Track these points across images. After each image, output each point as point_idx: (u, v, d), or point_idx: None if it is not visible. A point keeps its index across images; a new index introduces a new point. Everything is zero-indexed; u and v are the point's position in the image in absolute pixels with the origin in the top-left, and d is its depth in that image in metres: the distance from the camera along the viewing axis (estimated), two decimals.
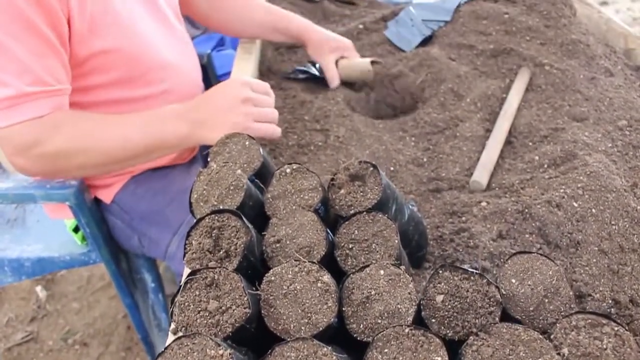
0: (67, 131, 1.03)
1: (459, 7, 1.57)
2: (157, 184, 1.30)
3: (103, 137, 1.06)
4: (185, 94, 1.29)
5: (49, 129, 1.02)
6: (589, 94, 1.29)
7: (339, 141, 1.16)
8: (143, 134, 1.06)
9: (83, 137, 1.04)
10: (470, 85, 1.32)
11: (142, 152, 1.08)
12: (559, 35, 1.49)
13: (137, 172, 1.30)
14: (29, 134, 1.01)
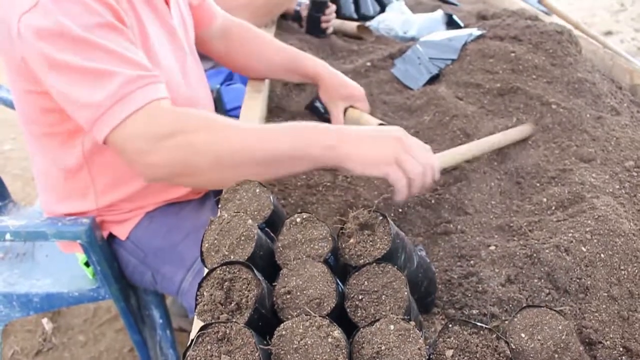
0: (209, 126, 0.96)
1: (466, 45, 1.59)
2: (170, 220, 1.32)
3: (247, 138, 0.97)
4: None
5: (186, 119, 0.95)
6: (596, 134, 1.30)
7: (347, 181, 1.17)
8: (291, 138, 0.97)
9: (228, 137, 0.95)
10: (477, 125, 1.33)
11: (287, 157, 0.97)
12: (565, 74, 1.50)
13: (151, 208, 1.31)
14: (165, 120, 0.94)
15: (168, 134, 0.93)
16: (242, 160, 0.95)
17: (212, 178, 0.98)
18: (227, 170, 0.95)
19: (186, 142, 0.93)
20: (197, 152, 0.94)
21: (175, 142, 0.93)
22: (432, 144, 1.31)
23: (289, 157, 0.96)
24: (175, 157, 0.94)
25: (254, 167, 0.96)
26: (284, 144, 0.95)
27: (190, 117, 0.95)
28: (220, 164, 0.95)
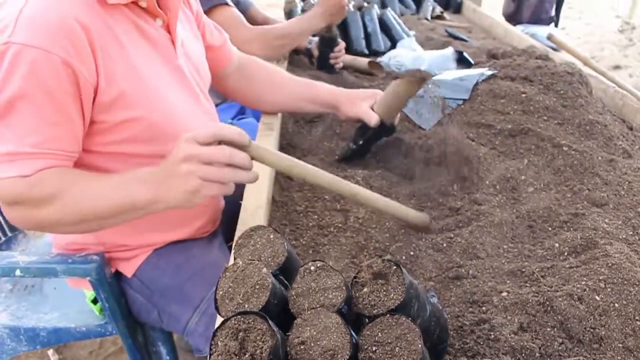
0: (50, 187, 1.02)
1: (477, 85, 1.60)
2: (178, 258, 1.31)
3: (79, 194, 1.04)
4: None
5: (31, 187, 1.01)
6: (608, 178, 1.30)
7: (359, 222, 1.17)
8: (114, 194, 1.04)
9: (60, 195, 1.03)
10: (489, 167, 1.34)
11: (110, 213, 1.05)
12: (577, 115, 1.51)
13: (159, 246, 1.31)
14: (13, 190, 1.01)
15: (14, 201, 1.04)
16: (76, 218, 1.06)
17: (64, 231, 1.16)
18: (67, 227, 1.09)
19: (27, 207, 1.05)
20: (36, 214, 1.06)
21: (20, 207, 1.05)
22: (442, 181, 1.32)
23: (114, 213, 1.06)
24: (23, 219, 1.09)
25: (89, 222, 1.08)
26: (111, 201, 1.05)
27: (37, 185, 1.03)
28: (60, 224, 1.07)
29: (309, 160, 1.46)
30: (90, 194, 1.04)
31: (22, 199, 1.02)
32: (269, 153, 1.02)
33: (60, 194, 1.02)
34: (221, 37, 1.48)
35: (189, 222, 1.33)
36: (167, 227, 1.30)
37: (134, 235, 1.28)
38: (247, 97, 1.54)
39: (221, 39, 1.47)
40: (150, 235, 1.29)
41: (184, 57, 1.28)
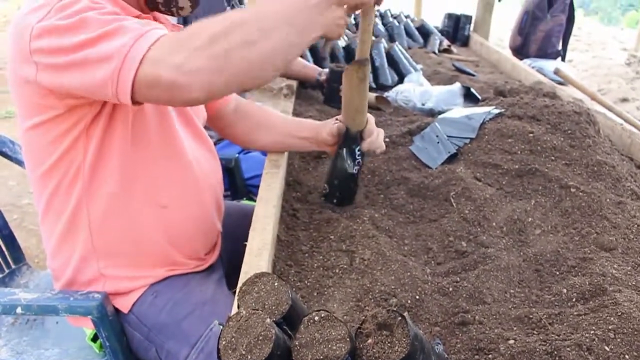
0: (215, 20, 0.94)
1: (484, 124, 1.60)
2: (176, 294, 1.30)
3: (253, 10, 0.99)
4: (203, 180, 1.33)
5: (195, 26, 0.95)
6: (617, 221, 1.28)
7: (364, 264, 1.16)
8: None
9: (233, 17, 0.95)
10: (495, 208, 1.33)
11: (293, 19, 0.99)
12: (584, 156, 1.50)
13: (156, 280, 1.30)
14: (179, 34, 0.95)
15: (185, 40, 0.93)
16: (262, 28, 0.95)
17: (254, 54, 0.94)
18: (256, 46, 0.94)
19: (203, 40, 0.92)
20: (216, 41, 0.92)
21: (194, 45, 0.92)
22: (450, 223, 1.31)
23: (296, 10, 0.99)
24: (206, 57, 0.92)
25: (277, 31, 0.96)
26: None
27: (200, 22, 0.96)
28: (247, 44, 0.93)
29: (314, 199, 1.46)
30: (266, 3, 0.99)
31: (193, 35, 0.93)
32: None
33: (229, 17, 0.95)
34: None
35: (188, 244, 1.32)
36: (162, 258, 1.29)
37: (128, 265, 1.27)
38: (237, 136, 1.55)
39: None
40: (145, 261, 1.28)
41: None
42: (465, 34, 3.83)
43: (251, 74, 0.96)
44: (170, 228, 1.28)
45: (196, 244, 1.35)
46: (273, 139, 1.52)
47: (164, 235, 1.27)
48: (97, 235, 1.22)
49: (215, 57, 0.91)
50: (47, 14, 0.97)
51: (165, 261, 1.31)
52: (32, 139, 1.15)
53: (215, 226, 1.42)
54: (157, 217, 1.25)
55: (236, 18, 0.93)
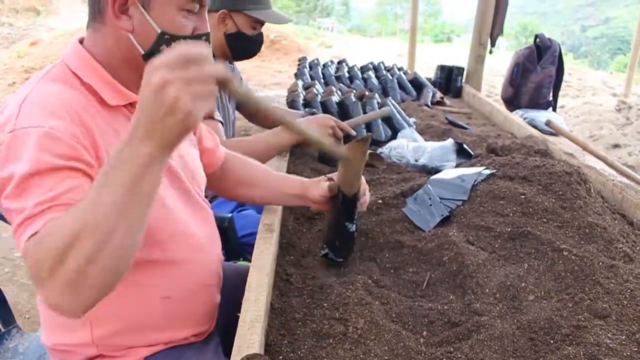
0: (55, 239, 0.87)
1: (476, 186, 1.62)
2: None
3: (80, 216, 0.87)
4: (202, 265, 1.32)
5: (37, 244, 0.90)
6: (609, 287, 1.28)
7: (357, 334, 1.15)
8: (104, 186, 0.87)
9: (65, 234, 0.86)
10: (488, 274, 1.33)
11: (120, 206, 0.86)
12: (576, 218, 1.51)
13: (150, 353, 1.28)
14: (30, 259, 0.90)
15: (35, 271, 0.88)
16: (95, 240, 0.85)
17: (99, 269, 0.87)
18: (95, 260, 0.86)
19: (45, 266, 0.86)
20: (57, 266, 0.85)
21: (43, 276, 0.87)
22: (442, 288, 1.31)
23: (123, 203, 0.87)
24: (55, 285, 0.86)
25: (111, 234, 0.86)
26: (110, 195, 0.86)
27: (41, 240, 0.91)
28: (89, 259, 0.86)
29: (308, 261, 1.46)
30: (84, 206, 0.88)
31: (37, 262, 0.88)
32: (247, 93, 0.95)
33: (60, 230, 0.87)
34: (214, 140, 1.51)
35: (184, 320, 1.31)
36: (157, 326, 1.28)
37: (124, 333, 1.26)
38: (222, 189, 1.57)
39: (214, 142, 1.51)
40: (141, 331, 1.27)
41: (179, 159, 1.30)
42: (458, 85, 3.89)
43: (112, 277, 0.91)
44: (171, 314, 1.27)
45: (196, 323, 1.34)
46: (258, 194, 1.54)
47: (164, 321, 1.27)
48: (96, 322, 1.21)
49: (67, 285, 0.86)
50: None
51: (165, 340, 1.29)
52: None
53: (216, 302, 1.41)
54: (159, 307, 1.24)
55: (73, 232, 0.85)
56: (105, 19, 1.15)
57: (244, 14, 2.03)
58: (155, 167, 0.87)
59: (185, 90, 0.81)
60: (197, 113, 0.82)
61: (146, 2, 1.12)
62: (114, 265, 0.89)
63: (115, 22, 1.13)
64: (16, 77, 7.54)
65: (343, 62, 3.82)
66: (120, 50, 1.16)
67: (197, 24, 1.19)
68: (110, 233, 0.86)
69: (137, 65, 1.15)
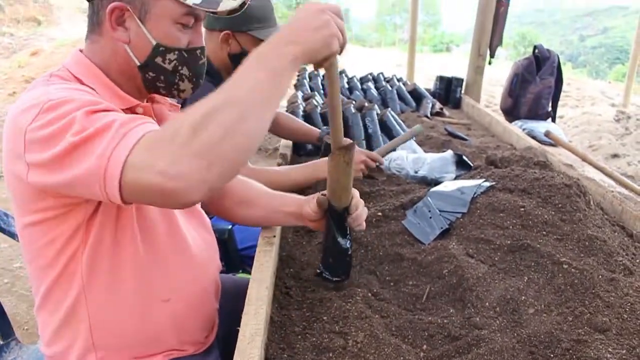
0: (193, 112, 0.90)
1: (475, 198, 1.62)
2: None
3: (227, 91, 0.93)
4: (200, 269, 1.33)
5: (174, 121, 0.92)
6: (609, 300, 1.28)
7: (357, 347, 1.15)
8: (250, 71, 0.95)
9: (208, 105, 0.90)
10: (488, 287, 1.33)
11: (263, 88, 0.94)
12: (575, 230, 1.51)
13: None
14: (161, 132, 0.92)
15: (165, 142, 0.90)
16: (241, 110, 0.91)
17: (237, 135, 0.91)
18: (238, 127, 0.90)
19: (183, 135, 0.88)
20: (196, 133, 0.88)
21: (176, 145, 0.88)
22: (441, 311, 1.30)
23: (274, 84, 0.96)
24: (190, 154, 0.88)
25: (257, 108, 0.93)
26: (263, 75, 0.95)
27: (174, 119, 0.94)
28: (228, 128, 0.89)
29: (307, 275, 1.46)
30: (239, 81, 0.95)
31: (171, 135, 0.89)
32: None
33: (203, 104, 0.91)
34: None
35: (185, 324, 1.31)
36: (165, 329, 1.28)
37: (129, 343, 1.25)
38: (221, 210, 1.53)
39: None
40: (148, 354, 1.27)
41: None
42: (457, 96, 3.91)
43: (241, 157, 0.95)
44: (171, 319, 1.27)
45: (196, 330, 1.34)
46: (257, 214, 1.50)
47: (164, 327, 1.26)
48: (96, 329, 1.21)
49: (200, 154, 0.87)
50: (37, 116, 0.97)
51: (164, 349, 1.29)
52: (31, 236, 1.14)
53: (214, 308, 1.41)
54: (159, 311, 1.24)
55: (212, 105, 0.90)
56: (102, 31, 1.17)
57: (248, 34, 2.01)
58: (293, 69, 0.99)
59: (336, 21, 1.02)
60: (337, 41, 1.02)
61: (142, 15, 1.15)
62: (243, 148, 0.93)
63: (112, 34, 1.16)
64: (17, 87, 7.55)
65: (342, 73, 3.84)
66: (117, 61, 1.19)
67: (192, 37, 1.22)
68: (251, 111, 0.92)
69: (133, 76, 1.20)
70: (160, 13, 1.15)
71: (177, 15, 1.16)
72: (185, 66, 1.22)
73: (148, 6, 1.14)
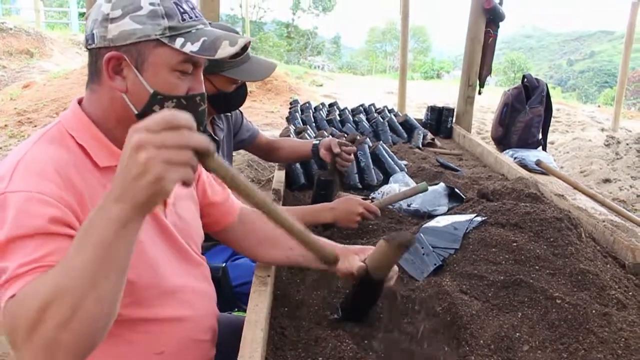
0: (25, 302, 0.88)
1: (468, 233, 1.63)
2: None
3: (56, 278, 0.88)
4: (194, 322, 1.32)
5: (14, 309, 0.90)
6: (603, 336, 1.29)
7: None
8: (78, 249, 0.88)
9: (39, 294, 0.87)
10: (483, 324, 1.33)
11: (91, 269, 0.86)
12: (568, 265, 1.52)
13: None
14: (12, 311, 0.89)
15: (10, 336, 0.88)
16: (65, 304, 0.85)
17: (68, 328, 0.86)
18: (65, 320, 0.85)
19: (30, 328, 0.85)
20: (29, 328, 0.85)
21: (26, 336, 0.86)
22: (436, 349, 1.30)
23: (95, 264, 0.87)
24: (27, 348, 0.86)
25: (81, 299, 0.86)
26: (79, 258, 0.87)
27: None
28: (58, 323, 0.85)
29: (302, 313, 1.46)
30: (56, 271, 0.89)
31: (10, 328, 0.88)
32: (226, 171, 0.93)
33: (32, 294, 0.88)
34: (224, 193, 1.50)
35: None
36: None
37: None
38: (244, 248, 1.54)
39: (224, 195, 1.50)
40: None
41: (175, 215, 1.31)
42: (448, 126, 3.95)
43: (85, 344, 0.89)
44: None
45: None
46: (280, 253, 1.50)
47: None
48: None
49: (41, 347, 0.85)
50: None
51: None
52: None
53: (210, 355, 1.40)
54: None
55: (42, 300, 0.85)
56: (101, 80, 1.17)
57: (221, 75, 1.99)
58: (127, 230, 0.87)
59: (158, 155, 0.82)
60: (168, 178, 0.83)
61: (139, 63, 1.15)
62: (87, 333, 0.87)
63: (110, 83, 1.16)
64: (8, 120, 7.54)
65: (334, 105, 3.87)
66: (115, 110, 1.19)
67: (192, 84, 1.21)
68: (82, 298, 0.85)
69: (132, 125, 1.18)
70: (156, 61, 1.15)
71: (174, 63, 1.16)
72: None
73: (144, 55, 1.14)
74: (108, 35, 1.13)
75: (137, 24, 1.13)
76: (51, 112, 7.63)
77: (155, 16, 1.14)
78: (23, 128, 7.15)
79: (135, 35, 1.13)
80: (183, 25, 1.16)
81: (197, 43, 1.16)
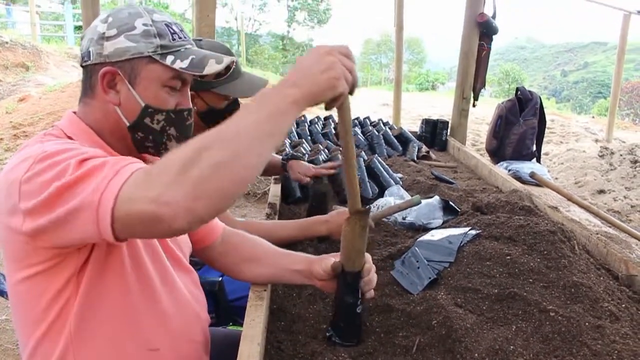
0: (185, 147, 0.94)
1: (462, 247, 1.65)
2: None
3: (223, 130, 0.97)
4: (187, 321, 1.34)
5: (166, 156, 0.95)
6: (597, 348, 1.30)
7: None
8: (251, 113, 0.99)
9: (202, 140, 0.94)
10: (477, 338, 1.34)
11: (261, 127, 0.97)
12: (561, 277, 1.54)
13: None
14: (152, 167, 0.95)
15: (153, 177, 0.93)
16: (229, 150, 0.93)
17: (225, 174, 0.93)
18: (226, 167, 0.93)
19: (172, 170, 0.91)
20: (186, 169, 0.91)
21: (164, 180, 0.91)
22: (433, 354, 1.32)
23: (262, 131, 0.97)
24: (179, 187, 0.90)
25: (244, 151, 0.94)
26: (253, 119, 0.98)
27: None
28: (217, 166, 0.92)
29: (299, 327, 1.47)
30: (228, 124, 0.98)
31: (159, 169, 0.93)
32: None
33: (193, 142, 0.95)
34: None
35: None
36: None
37: None
38: (226, 266, 1.55)
39: None
40: None
41: None
42: (443, 139, 3.97)
43: (229, 194, 0.95)
44: None
45: None
46: (263, 271, 1.51)
47: None
48: None
49: (189, 185, 0.90)
50: (31, 166, 1.02)
51: None
52: (23, 291, 1.16)
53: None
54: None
55: (205, 141, 0.94)
56: (95, 94, 1.24)
57: (211, 91, 1.97)
58: (296, 108, 1.01)
59: (342, 63, 1.04)
60: (342, 82, 1.04)
61: (132, 78, 1.22)
62: (238, 181, 0.94)
63: (104, 96, 1.23)
64: (4, 133, 7.55)
65: (330, 119, 3.90)
66: (108, 121, 1.25)
67: (180, 100, 1.29)
68: (248, 147, 0.95)
69: (124, 136, 1.26)
70: (148, 77, 1.22)
71: (165, 79, 1.23)
72: (173, 127, 1.27)
73: (137, 70, 1.22)
74: (104, 52, 1.20)
75: (131, 42, 1.20)
76: (47, 125, 7.62)
77: (148, 35, 1.21)
78: (19, 142, 7.16)
79: (130, 52, 1.20)
80: (173, 44, 1.24)
81: (186, 60, 1.23)
